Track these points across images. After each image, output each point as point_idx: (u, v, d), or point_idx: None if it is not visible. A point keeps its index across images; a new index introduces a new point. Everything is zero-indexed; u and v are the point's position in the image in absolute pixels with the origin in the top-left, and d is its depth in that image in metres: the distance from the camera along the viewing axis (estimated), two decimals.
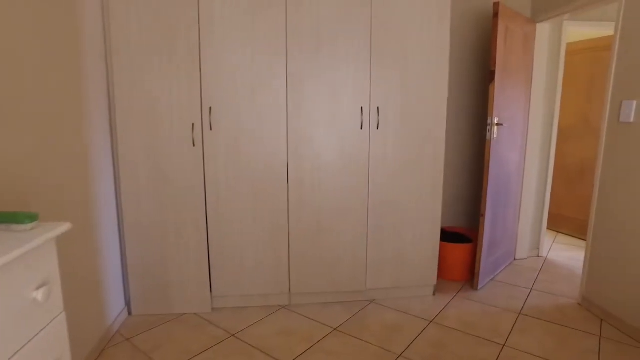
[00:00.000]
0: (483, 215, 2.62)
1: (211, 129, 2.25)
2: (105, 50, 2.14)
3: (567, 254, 3.53)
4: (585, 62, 3.86)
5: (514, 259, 3.36)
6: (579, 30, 3.72)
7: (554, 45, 3.13)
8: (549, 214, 4.27)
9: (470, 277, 2.95)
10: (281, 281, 2.46)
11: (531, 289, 2.79)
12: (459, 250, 2.84)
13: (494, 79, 2.44)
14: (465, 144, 3.21)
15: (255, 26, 2.19)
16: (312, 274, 2.48)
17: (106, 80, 2.15)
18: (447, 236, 3.13)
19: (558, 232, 4.18)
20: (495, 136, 2.56)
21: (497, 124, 2.55)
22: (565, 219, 4.10)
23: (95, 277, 2.00)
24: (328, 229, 2.44)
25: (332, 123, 2.33)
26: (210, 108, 2.23)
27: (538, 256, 3.45)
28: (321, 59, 2.27)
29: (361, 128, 2.36)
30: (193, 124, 2.22)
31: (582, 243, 3.86)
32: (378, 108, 2.36)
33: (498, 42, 2.42)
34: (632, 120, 2.20)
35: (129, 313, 2.38)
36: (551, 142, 3.28)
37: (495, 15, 2.40)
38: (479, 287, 2.75)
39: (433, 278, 2.64)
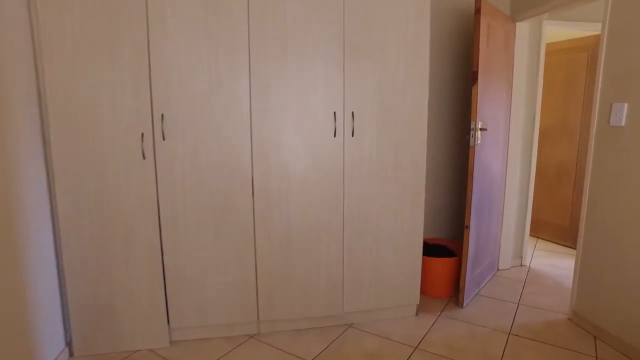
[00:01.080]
0: (468, 228, 2.42)
1: (164, 139, 1.95)
2: (34, 55, 1.82)
3: (549, 262, 3.40)
4: (561, 64, 3.76)
5: (497, 270, 3.19)
6: (560, 30, 3.61)
7: (533, 45, 2.99)
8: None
9: (455, 293, 2.75)
10: (248, 308, 2.18)
11: (518, 304, 2.61)
12: (442, 265, 2.64)
13: (477, 80, 2.25)
14: (445, 150, 3.02)
15: (213, 23, 1.92)
16: (283, 298, 2.21)
17: (36, 90, 1.83)
18: (429, 249, 2.92)
19: (538, 237, 4.07)
20: (479, 142, 2.37)
21: (480, 129, 2.36)
22: (545, 223, 3.99)
23: (23, 315, 1.67)
24: (299, 247, 2.18)
25: (302, 130, 2.08)
26: (163, 115, 1.93)
27: (521, 265, 3.30)
28: (289, 59, 2.01)
29: (334, 136, 2.12)
30: (142, 134, 1.92)
31: (562, 249, 3.75)
32: (353, 113, 2.13)
33: (480, 41, 2.24)
34: (623, 124, 2.05)
35: (70, 354, 2.04)
36: (532, 144, 3.13)
37: (477, 11, 2.21)
38: (465, 304, 2.55)
39: (415, 297, 2.42)
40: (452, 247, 2.98)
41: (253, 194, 2.08)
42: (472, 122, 2.32)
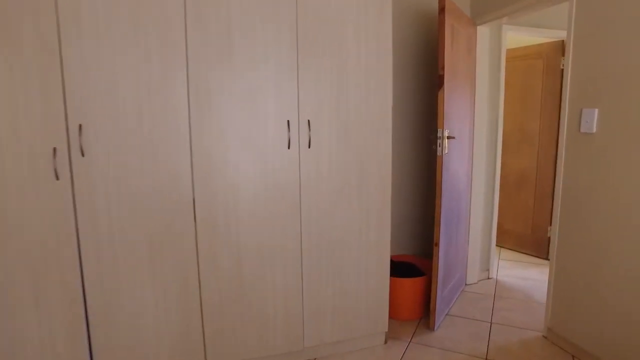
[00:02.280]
0: (437, 245, 2.23)
1: (83, 155, 1.61)
2: None
3: (515, 273, 3.29)
4: (517, 71, 3.73)
5: (465, 285, 3.04)
6: (519, 37, 3.57)
7: (494, 50, 2.89)
8: None
9: (424, 314, 2.55)
10: (194, 350, 1.85)
11: (491, 323, 2.45)
12: (410, 286, 2.43)
13: (443, 84, 2.08)
14: (408, 159, 2.84)
15: (142, 15, 1.61)
16: (235, 335, 1.90)
17: None
18: (394, 267, 2.71)
19: (501, 247, 3.99)
20: (446, 151, 2.19)
21: (448, 137, 2.19)
22: (506, 232, 3.92)
23: None
24: (252, 276, 1.89)
25: (251, 143, 1.80)
26: (80, 126, 1.59)
27: (488, 278, 3.17)
28: (233, 60, 1.74)
29: (288, 148, 1.86)
30: (55, 149, 1.57)
31: (525, 257, 3.68)
32: (309, 121, 1.88)
33: (446, 43, 2.07)
34: (594, 130, 1.94)
35: None
36: (496, 152, 3.03)
37: (442, 10, 2.05)
38: (436, 326, 2.35)
39: (384, 324, 2.18)
40: (419, 264, 2.79)
41: (195, 219, 1.77)
42: (438, 130, 2.14)
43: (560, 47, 3.39)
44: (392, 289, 2.45)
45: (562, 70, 3.40)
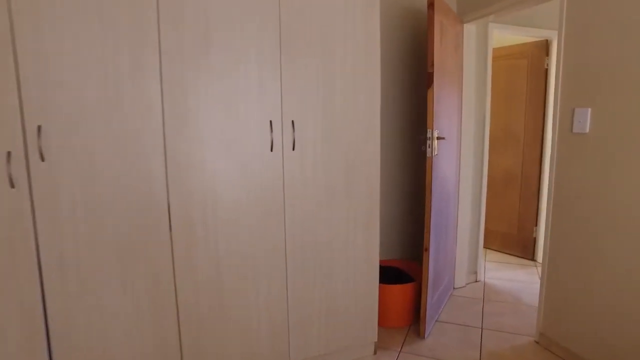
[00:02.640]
0: (427, 250, 2.14)
1: (43, 159, 1.45)
2: None
3: (503, 275, 3.25)
4: (501, 70, 3.69)
5: (453, 288, 2.97)
6: (504, 35, 3.52)
7: (480, 49, 2.83)
8: None
9: (413, 320, 2.46)
10: None
11: (482, 328, 2.38)
12: (399, 292, 2.33)
13: (432, 82, 1.99)
14: (395, 161, 2.75)
15: (110, 6, 1.46)
16: (217, 352, 1.77)
17: None
18: (382, 272, 2.62)
19: (487, 248, 3.95)
20: (436, 152, 2.11)
21: (437, 138, 2.10)
22: (492, 233, 3.88)
23: None
24: (233, 288, 1.76)
25: (231, 145, 1.67)
26: (40, 127, 1.43)
27: (476, 281, 3.11)
28: (211, 56, 1.60)
29: (271, 150, 1.73)
30: (9, 153, 1.41)
31: (511, 259, 3.65)
32: (293, 122, 1.76)
33: (435, 39, 1.98)
34: (587, 130, 1.88)
35: None
36: (484, 151, 2.97)
37: (431, 5, 1.96)
38: (426, 334, 2.26)
39: (373, 333, 2.08)
40: (407, 268, 2.70)
41: (170, 228, 1.63)
42: (428, 131, 2.05)
43: (544, 47, 3.36)
44: (381, 295, 2.35)
45: (547, 70, 3.38)
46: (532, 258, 3.59)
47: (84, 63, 1.45)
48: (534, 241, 3.57)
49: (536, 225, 3.54)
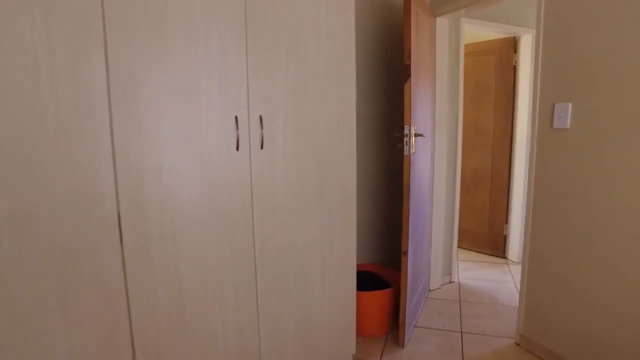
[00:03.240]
0: (405, 254, 2.02)
1: None
2: None
3: (476, 274, 3.20)
4: (469, 67, 3.66)
5: (429, 291, 2.88)
6: (472, 32, 3.47)
7: (452, 44, 2.76)
8: None
9: (392, 328, 2.34)
10: None
11: (461, 332, 2.29)
12: (377, 299, 2.20)
13: (409, 75, 1.87)
14: (367, 159, 2.62)
15: None
16: None
17: None
18: (357, 278, 2.48)
19: (459, 247, 3.91)
20: (413, 150, 1.99)
21: (415, 135, 1.98)
22: (463, 231, 3.85)
23: None
24: (197, 306, 1.56)
25: (191, 143, 1.47)
26: None
27: (451, 282, 3.04)
28: (169, 39, 1.40)
29: (237, 148, 1.55)
30: None
31: (483, 257, 3.62)
32: (261, 117, 1.59)
33: (412, 29, 1.86)
34: (568, 125, 1.82)
35: None
36: (457, 149, 2.90)
37: None
38: (405, 342, 2.14)
39: (352, 346, 1.94)
40: (382, 273, 2.58)
41: (122, 242, 1.41)
42: (405, 127, 1.93)
43: (512, 44, 3.35)
44: (358, 303, 2.21)
45: (515, 67, 3.37)
46: (503, 256, 3.58)
47: (6, 42, 1.20)
48: (505, 239, 3.56)
49: (506, 223, 3.53)
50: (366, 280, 2.47)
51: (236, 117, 1.53)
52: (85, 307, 1.37)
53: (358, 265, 2.60)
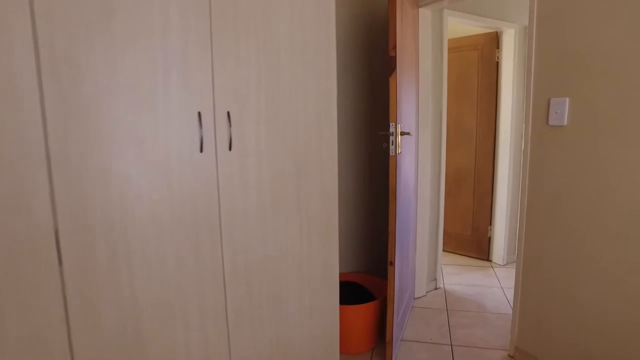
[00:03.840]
0: (392, 264, 1.86)
1: None
2: None
3: (461, 279, 3.08)
4: (451, 63, 3.54)
5: (414, 299, 2.73)
6: (454, 26, 3.35)
7: (436, 37, 2.62)
8: None
9: (377, 343, 2.17)
10: None
11: (451, 345, 2.14)
12: (362, 313, 2.03)
13: (395, 68, 1.70)
14: (349, 160, 2.45)
15: None
16: None
17: None
18: (339, 289, 2.30)
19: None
20: (400, 150, 1.82)
21: (401, 133, 1.82)
22: (446, 234, 3.73)
23: None
24: (156, 335, 1.34)
25: (147, 144, 1.25)
26: None
27: (436, 288, 2.90)
28: (113, 22, 1.17)
29: (201, 150, 1.34)
30: None
31: (468, 260, 3.51)
32: (229, 113, 1.38)
33: (397, 17, 1.69)
34: (565, 122, 1.69)
35: None
36: (441, 148, 2.77)
37: None
38: (393, 359, 1.98)
39: None
40: (365, 282, 2.41)
41: (60, 261, 1.17)
42: (390, 125, 1.76)
43: (494, 39, 3.25)
44: (341, 318, 2.03)
45: (498, 62, 3.27)
46: (488, 258, 3.48)
47: None
48: (489, 241, 3.46)
49: (490, 224, 3.43)
50: (348, 292, 2.29)
51: (199, 114, 1.32)
52: (12, 336, 1.13)
53: (340, 275, 2.42)
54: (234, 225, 1.44)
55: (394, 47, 1.69)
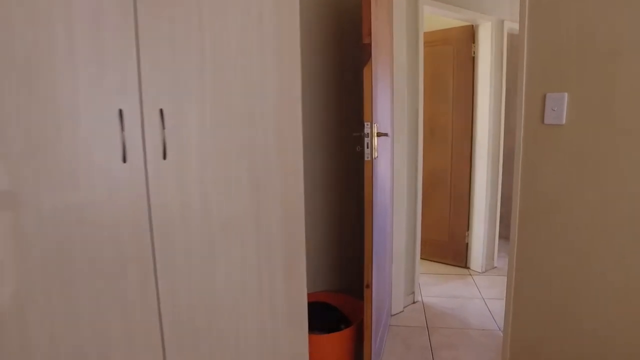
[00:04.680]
0: (369, 287, 1.60)
1: None
2: None
3: (440, 290, 2.87)
4: (425, 58, 3.32)
5: (390, 316, 2.49)
6: (432, 18, 3.12)
7: (411, 28, 2.39)
8: None
9: None
10: None
11: None
12: (335, 343, 1.76)
13: (370, 57, 1.44)
14: (316, 166, 2.17)
15: None
16: None
17: None
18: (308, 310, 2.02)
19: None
20: (376, 155, 1.57)
21: (378, 134, 1.56)
22: (422, 241, 3.52)
23: None
24: None
25: (45, 152, 0.93)
26: None
27: (414, 302, 2.68)
28: None
29: (124, 160, 1.03)
30: None
31: (445, 268, 3.32)
32: (162, 111, 1.08)
33: (372, 3, 1.43)
34: (564, 121, 1.49)
35: None
36: (418, 149, 2.54)
37: None
38: None
39: None
40: (338, 302, 2.15)
41: None
42: (365, 125, 1.50)
43: (470, 33, 3.07)
44: (312, 349, 1.76)
45: (474, 58, 3.08)
46: (465, 265, 3.30)
47: None
48: (467, 247, 3.28)
49: (468, 230, 3.25)
50: (319, 313, 2.02)
51: (120, 112, 1.01)
52: None
53: (309, 295, 2.14)
54: (172, 257, 1.13)
55: (369, 33, 1.43)
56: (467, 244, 3.27)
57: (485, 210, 3.12)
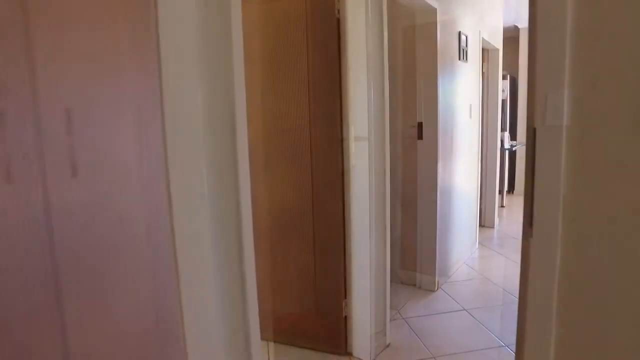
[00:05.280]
0: None
1: None
2: None
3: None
4: (256, 23, 3.53)
5: None
6: None
7: None
8: None
9: None
10: None
11: None
12: None
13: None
14: None
15: None
16: None
17: None
18: None
19: (274, 340, 3.82)
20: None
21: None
22: (275, 317, 3.78)
23: None
24: None
25: None
26: None
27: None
28: None
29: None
30: None
31: (311, 357, 3.59)
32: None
33: None
34: (565, 122, 2.01)
35: None
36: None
37: None
38: None
39: None
40: None
41: None
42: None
43: None
44: None
45: (339, 20, 3.09)
46: (345, 351, 3.62)
47: None
48: (345, 323, 3.60)
49: (346, 295, 3.56)
50: None
51: None
52: None
53: None
54: None
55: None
56: (346, 317, 3.60)
57: (371, 261, 3.46)
